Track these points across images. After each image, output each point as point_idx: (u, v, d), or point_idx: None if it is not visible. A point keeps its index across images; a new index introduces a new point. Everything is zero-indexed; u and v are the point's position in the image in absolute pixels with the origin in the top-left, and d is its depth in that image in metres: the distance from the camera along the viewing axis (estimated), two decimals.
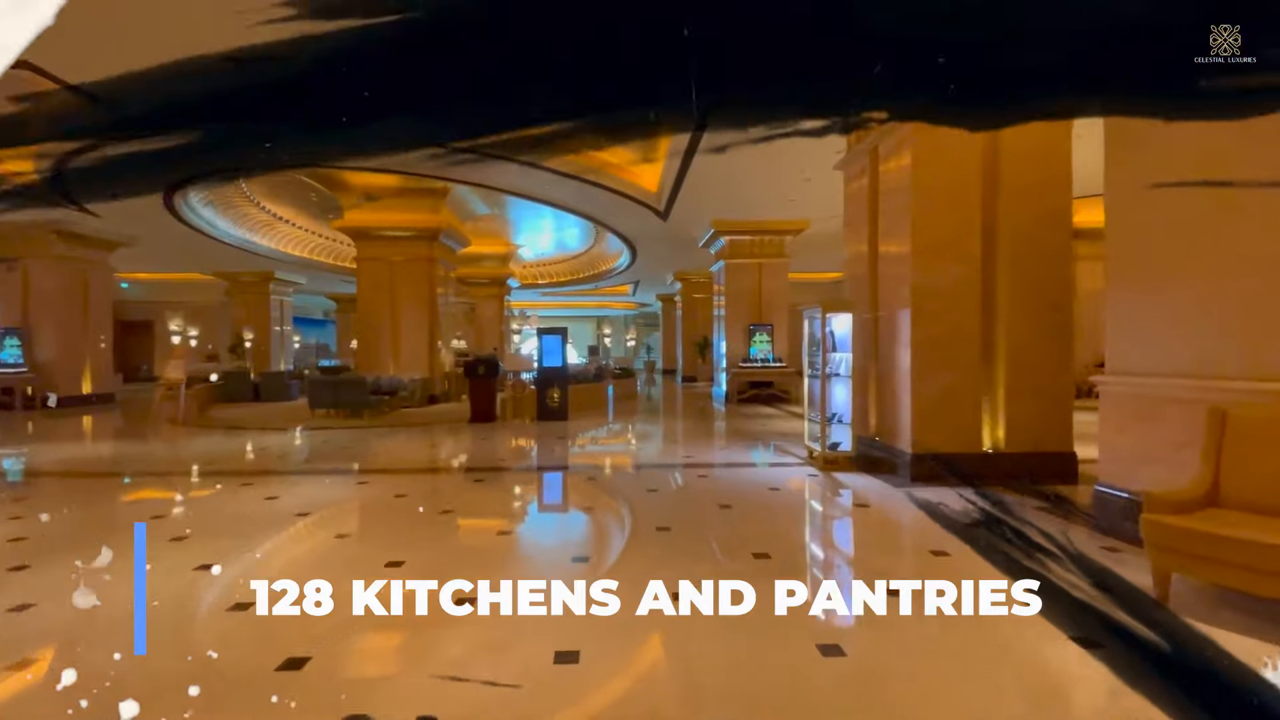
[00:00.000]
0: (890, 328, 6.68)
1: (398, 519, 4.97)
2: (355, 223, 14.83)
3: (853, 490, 5.91)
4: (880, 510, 5.22)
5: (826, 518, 5.15)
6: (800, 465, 7.07)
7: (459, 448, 8.80)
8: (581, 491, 5.98)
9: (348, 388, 12.28)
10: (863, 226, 7.29)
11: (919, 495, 5.56)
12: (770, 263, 16.08)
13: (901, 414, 6.41)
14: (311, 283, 26.06)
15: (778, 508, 5.36)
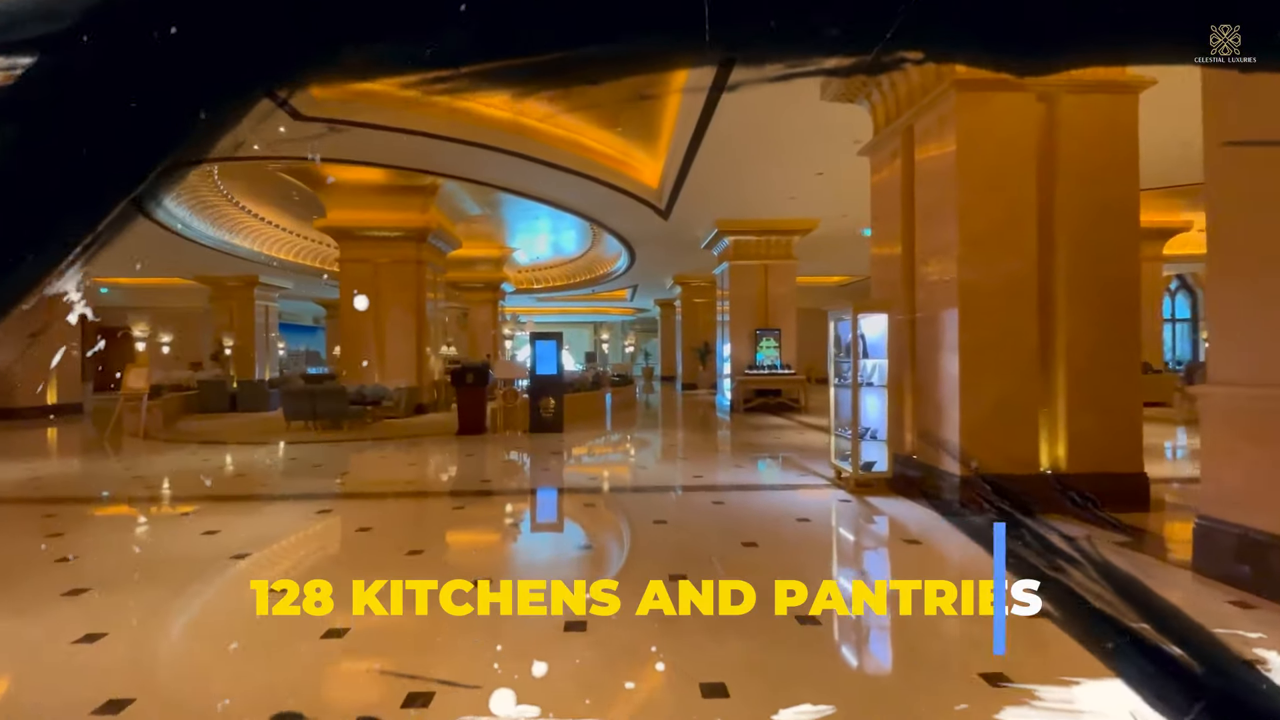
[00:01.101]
0: (931, 331, 5.85)
1: (355, 563, 4.10)
2: (338, 222, 13.98)
3: (895, 521, 5.07)
4: (936, 552, 4.36)
5: (875, 562, 4.28)
6: (828, 487, 6.22)
7: (442, 465, 7.92)
8: (576, 524, 5.11)
9: (326, 398, 11.39)
10: (894, 218, 6.48)
11: (974, 527, 4.73)
12: (777, 264, 15.28)
13: (946, 429, 5.58)
14: (299, 287, 25.17)
15: (814, 547, 4.51)
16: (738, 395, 14.74)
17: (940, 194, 5.75)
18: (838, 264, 21.80)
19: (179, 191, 14.03)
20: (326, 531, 4.88)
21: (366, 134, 9.20)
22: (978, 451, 5.38)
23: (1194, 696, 1.87)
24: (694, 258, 19.47)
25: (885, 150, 6.77)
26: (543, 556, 4.22)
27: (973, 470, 5.34)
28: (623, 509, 5.42)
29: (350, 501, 5.91)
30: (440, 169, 10.97)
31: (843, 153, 9.91)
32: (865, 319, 6.09)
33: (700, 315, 25.19)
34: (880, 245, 6.93)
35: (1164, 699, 1.89)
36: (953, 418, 5.48)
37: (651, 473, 7.16)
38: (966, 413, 5.39)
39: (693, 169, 10.53)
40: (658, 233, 15.64)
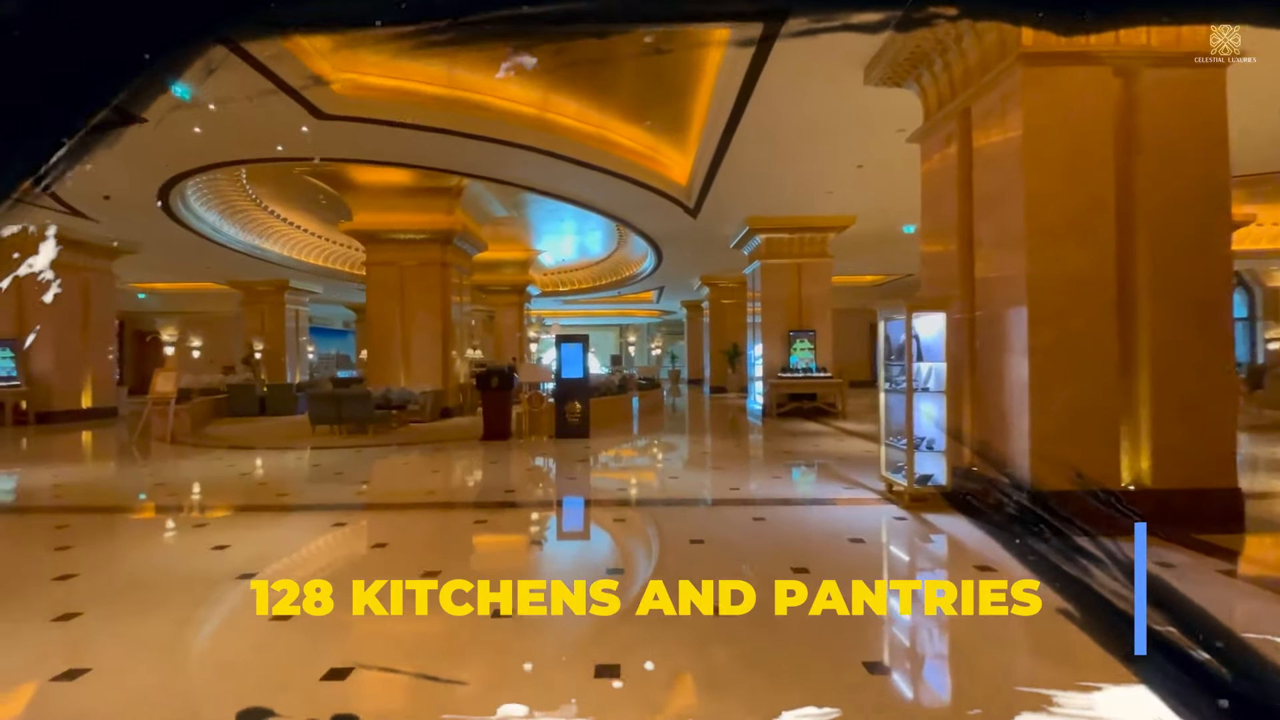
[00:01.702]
0: (994, 331, 5.32)
1: (371, 580, 3.77)
2: (364, 225, 13.88)
3: (959, 542, 4.56)
4: (1013, 581, 3.84)
5: (945, 594, 3.78)
6: (878, 502, 5.73)
7: (466, 473, 7.62)
8: (604, 542, 4.71)
9: (351, 402, 11.23)
10: (949, 209, 5.96)
11: (1051, 551, 4.20)
12: (811, 263, 14.72)
13: (1013, 440, 5.05)
14: (329, 292, 25.39)
15: (873, 574, 4.03)
16: (770, 399, 14.22)
17: (1004, 180, 5.23)
18: (874, 262, 21.11)
19: (208, 196, 14.09)
20: (340, 547, 4.57)
21: (390, 134, 8.99)
22: (1050, 465, 4.84)
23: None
24: (723, 257, 18.99)
25: (938, 136, 6.25)
26: (566, 581, 3.84)
27: (1045, 486, 4.80)
28: (655, 524, 5.01)
29: (368, 513, 5.62)
30: (465, 169, 10.73)
31: (885, 143, 9.39)
32: (920, 318, 5.59)
33: (728, 317, 24.67)
34: (932, 238, 6.41)
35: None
36: (1021, 427, 4.95)
37: (683, 483, 6.74)
38: (1037, 422, 4.85)
39: (724, 163, 10.10)
40: (686, 232, 15.22)
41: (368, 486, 6.77)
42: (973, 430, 5.56)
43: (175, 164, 10.38)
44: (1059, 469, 4.84)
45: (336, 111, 8.22)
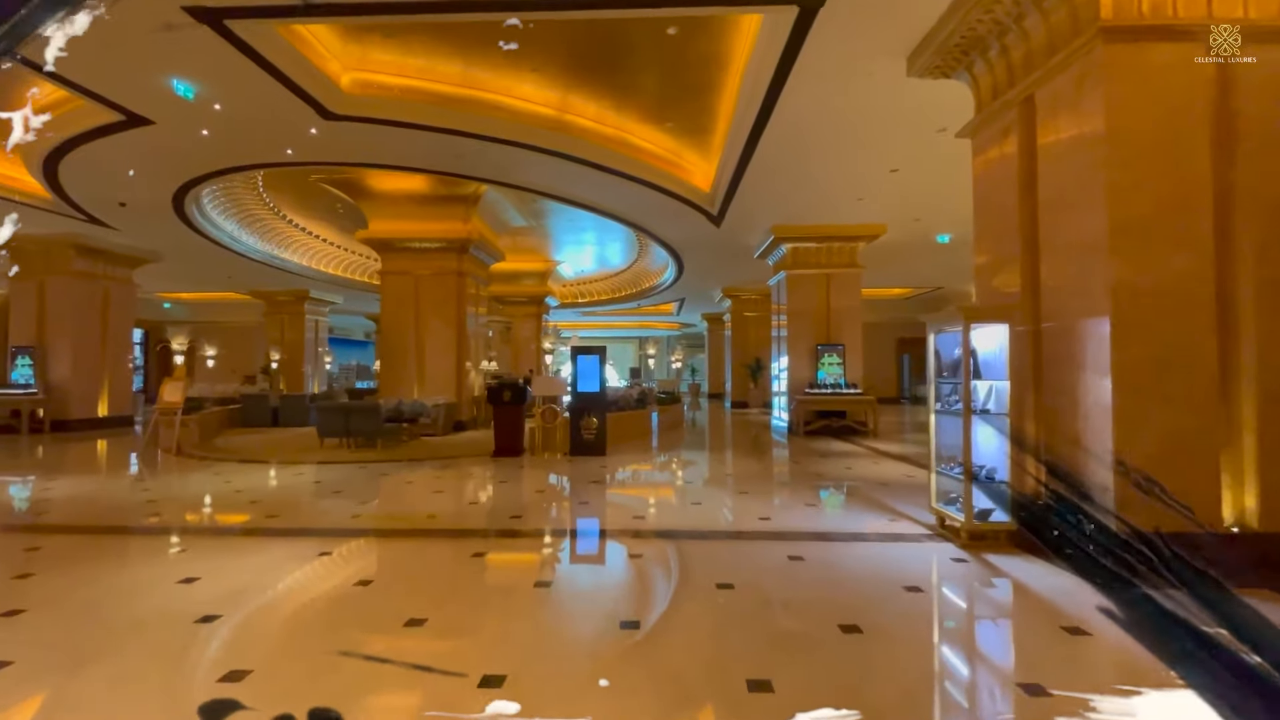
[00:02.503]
0: (1065, 346, 4.66)
1: (344, 632, 3.25)
2: (379, 233, 13.58)
3: (1034, 593, 3.89)
4: (1110, 647, 3.16)
5: (1034, 664, 3.10)
6: (929, 539, 5.06)
7: (472, 494, 7.09)
8: (618, 586, 4.11)
9: (360, 415, 10.82)
10: (1008, 208, 5.33)
11: (1146, 609, 3.53)
12: (840, 274, 14.05)
13: (1091, 471, 4.37)
14: (349, 302, 25.30)
15: (938, 634, 3.38)
16: (797, 416, 13.52)
17: (1078, 174, 4.60)
18: (901, 275, 20.33)
19: (225, 203, 13.94)
20: (320, 583, 4.05)
21: (402, 136, 8.62)
22: (1137, 502, 4.15)
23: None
24: (746, 268, 18.42)
25: (994, 128, 5.63)
26: (573, 637, 3.26)
27: (1130, 525, 4.11)
28: (676, 562, 4.40)
29: (359, 541, 5.10)
30: (479, 173, 10.33)
31: (924, 144, 8.78)
32: (978, 330, 4.94)
33: (750, 330, 24.02)
34: (987, 242, 5.77)
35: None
36: (1101, 457, 4.27)
37: (707, 511, 6.12)
38: (1122, 451, 4.17)
39: (750, 167, 9.56)
40: (708, 241, 14.69)
41: (366, 508, 6.28)
42: (1040, 458, 4.88)
43: (186, 170, 10.15)
44: (1148, 506, 4.14)
45: (344, 111, 7.86)
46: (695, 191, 11.37)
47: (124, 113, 7.78)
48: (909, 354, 29.77)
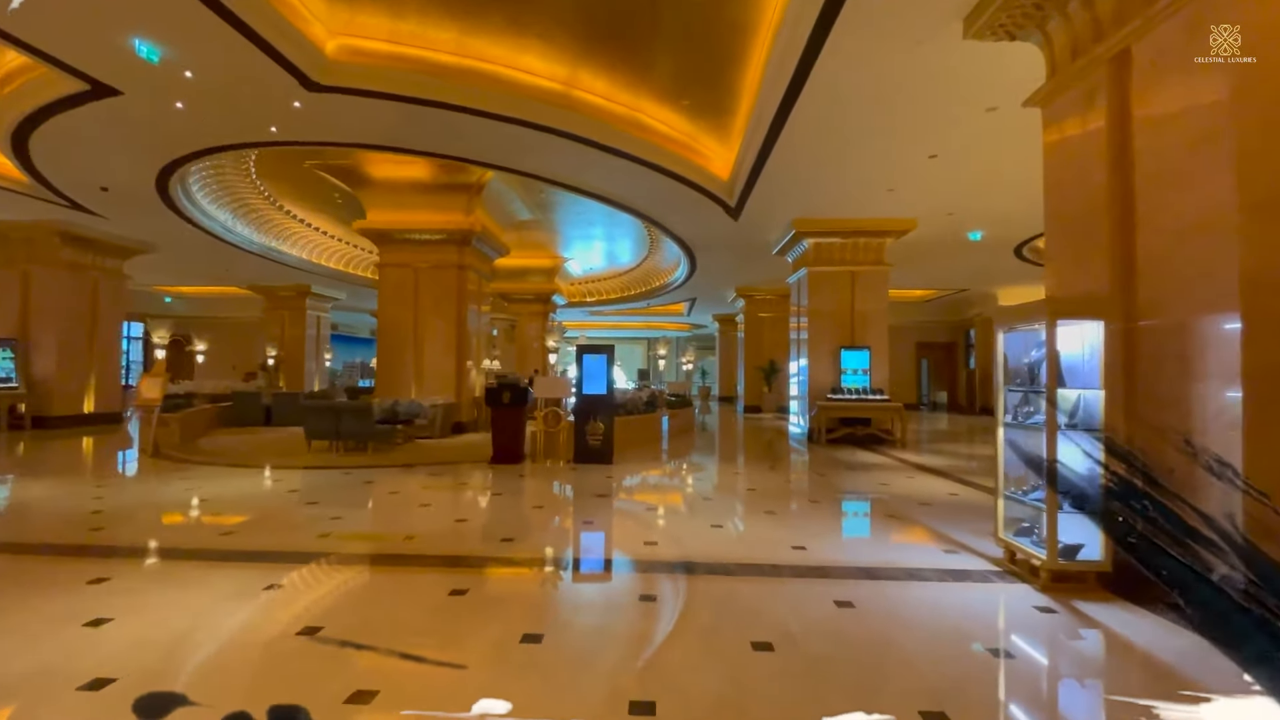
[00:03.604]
0: (1175, 347, 3.82)
1: (270, 702, 2.47)
2: (378, 224, 12.88)
3: (1160, 662, 3.05)
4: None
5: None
6: (1000, 577, 4.23)
7: (461, 509, 6.30)
8: (625, 643, 3.27)
9: (351, 416, 10.09)
10: (1093, 185, 4.49)
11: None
12: (866, 271, 13.19)
13: (1211, 502, 3.52)
14: (353, 298, 24.67)
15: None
16: (818, 423, 12.67)
17: (1192, 139, 3.75)
18: (926, 275, 19.40)
19: (217, 191, 13.29)
20: (253, 633, 3.27)
21: (394, 113, 7.88)
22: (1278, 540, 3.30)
23: None
24: (762, 266, 17.58)
25: (1074, 93, 4.79)
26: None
27: (1269, 568, 3.26)
28: (698, 611, 3.58)
29: (320, 570, 4.32)
30: (479, 156, 9.57)
31: (971, 125, 7.92)
32: (1065, 327, 4.09)
33: (765, 331, 23.15)
34: (1062, 226, 4.92)
35: None
36: (1236, 484, 3.42)
37: (730, 536, 5.29)
38: (1258, 478, 3.33)
39: (774, 151, 8.72)
40: (723, 236, 13.88)
41: (338, 525, 5.50)
42: (1138, 485, 4.03)
43: (165, 150, 9.46)
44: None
45: (330, 81, 7.12)
46: (713, 180, 10.57)
47: (88, 80, 7.08)
48: (927, 359, 28.81)
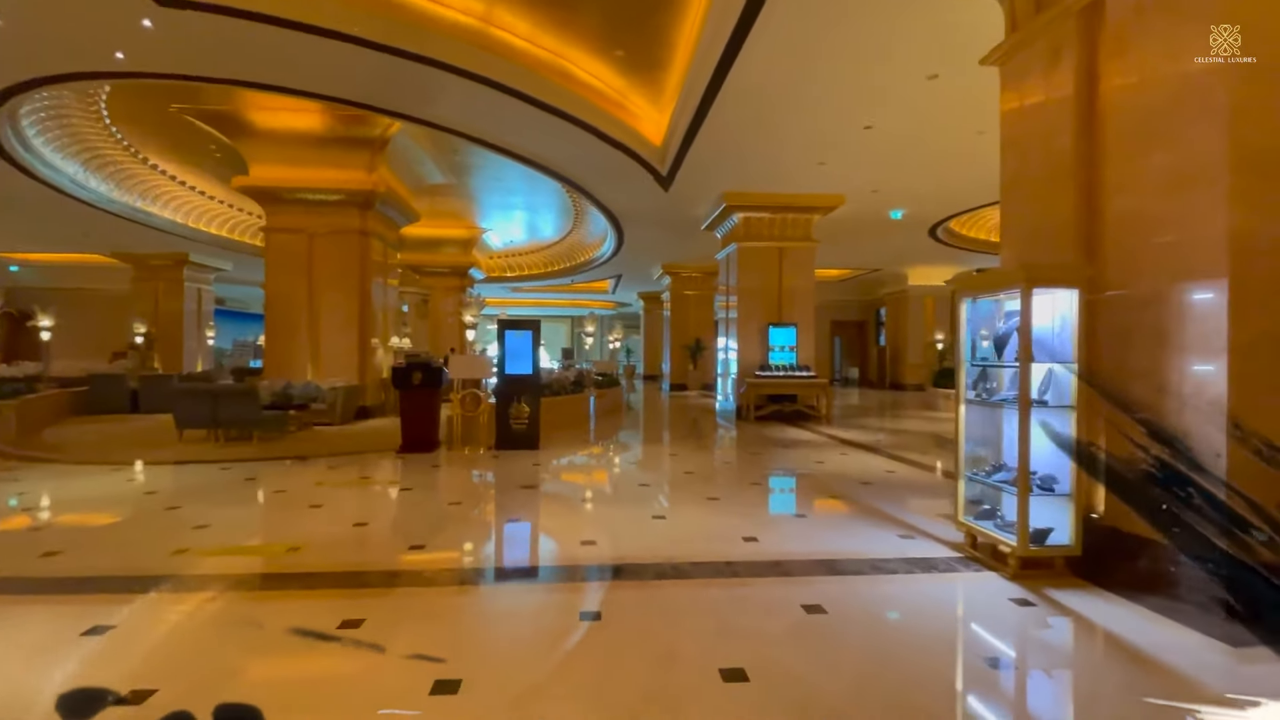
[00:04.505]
0: (1150, 318, 3.59)
1: None
2: (263, 181, 11.29)
3: (1156, 662, 2.79)
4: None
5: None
6: (964, 564, 3.95)
7: (361, 510, 5.40)
8: (565, 688, 2.64)
9: (232, 400, 8.77)
10: (1059, 146, 4.22)
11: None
12: (794, 247, 13.03)
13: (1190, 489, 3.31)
14: (241, 269, 22.13)
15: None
16: (747, 400, 12.46)
17: (1174, 95, 3.49)
18: (843, 254, 19.70)
19: (61, 138, 11.20)
20: (51, 707, 2.40)
21: (272, 42, 6.64)
22: (1259, 520, 3.13)
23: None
24: (690, 243, 17.18)
25: (1037, 48, 4.49)
26: None
27: (1254, 559, 3.08)
28: (653, 631, 3.01)
29: (163, 602, 3.38)
30: (381, 102, 8.41)
31: (909, 94, 7.67)
32: (1040, 296, 3.79)
33: (691, 309, 22.94)
34: (1022, 190, 4.65)
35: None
36: (1211, 467, 3.22)
37: (676, 529, 4.77)
38: (1239, 461, 3.14)
39: (711, 114, 8.16)
40: (653, 208, 13.29)
41: (205, 535, 4.52)
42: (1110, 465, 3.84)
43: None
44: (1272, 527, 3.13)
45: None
46: (645, 144, 9.91)
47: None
48: (840, 336, 29.78)
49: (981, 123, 8.67)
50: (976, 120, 8.59)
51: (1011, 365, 3.94)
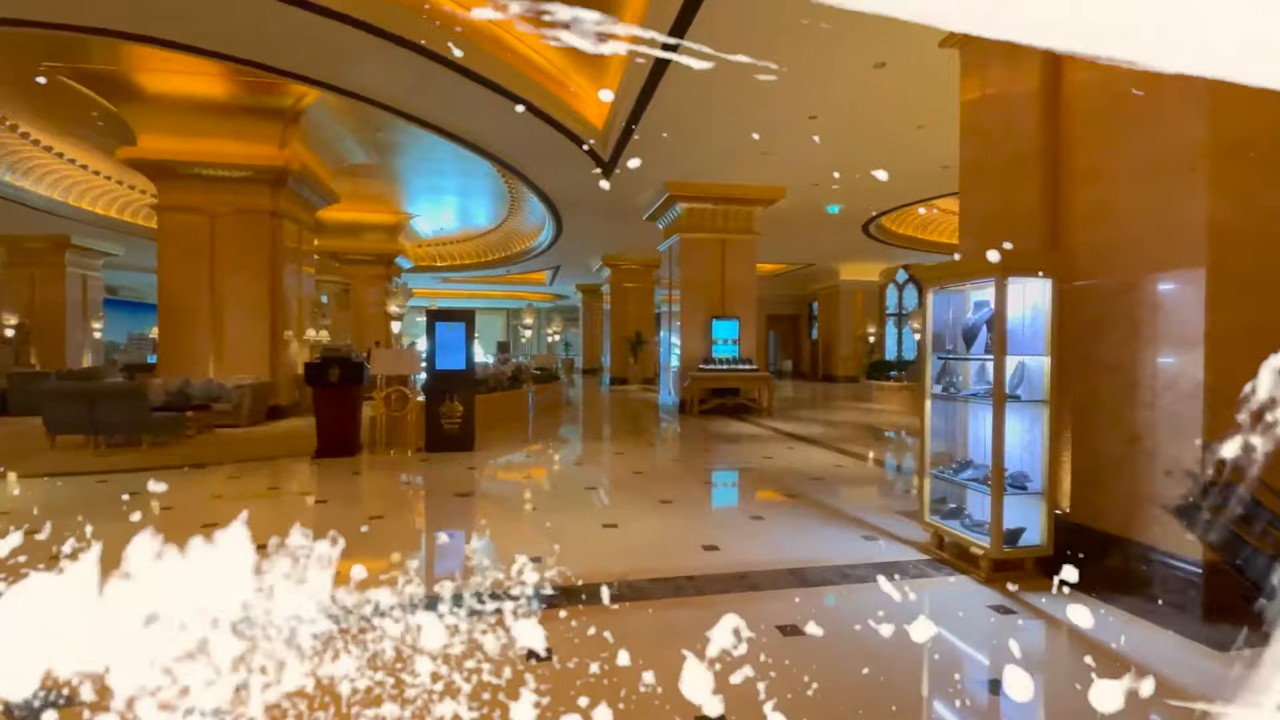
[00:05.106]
0: (1123, 309, 3.48)
1: None
2: (155, 153, 10.05)
3: (1147, 674, 2.62)
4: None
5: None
6: (933, 567, 3.76)
7: (264, 528, 4.71)
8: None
9: (113, 401, 7.68)
10: (1023, 130, 4.09)
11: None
12: (736, 240, 12.87)
13: (1168, 478, 3.22)
14: (135, 253, 19.97)
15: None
16: (691, 394, 12.22)
17: (1151, 79, 3.37)
18: (780, 249, 19.80)
19: None
20: None
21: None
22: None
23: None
24: (632, 233, 16.80)
25: None
26: None
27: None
28: (612, 674, 2.59)
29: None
30: (283, 62, 7.54)
31: (856, 82, 7.55)
32: (1015, 287, 3.60)
33: (631, 302, 22.57)
34: (984, 179, 4.51)
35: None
36: (1186, 462, 3.12)
37: (630, 538, 4.36)
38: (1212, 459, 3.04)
39: (654, 101, 7.80)
40: (594, 196, 12.80)
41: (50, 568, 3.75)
42: (1073, 462, 3.72)
43: None
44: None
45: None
46: (586, 126, 9.41)
47: None
48: (775, 330, 30.31)
49: (922, 116, 8.71)
50: (918, 114, 8.61)
51: (981, 358, 3.76)
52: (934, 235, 18.59)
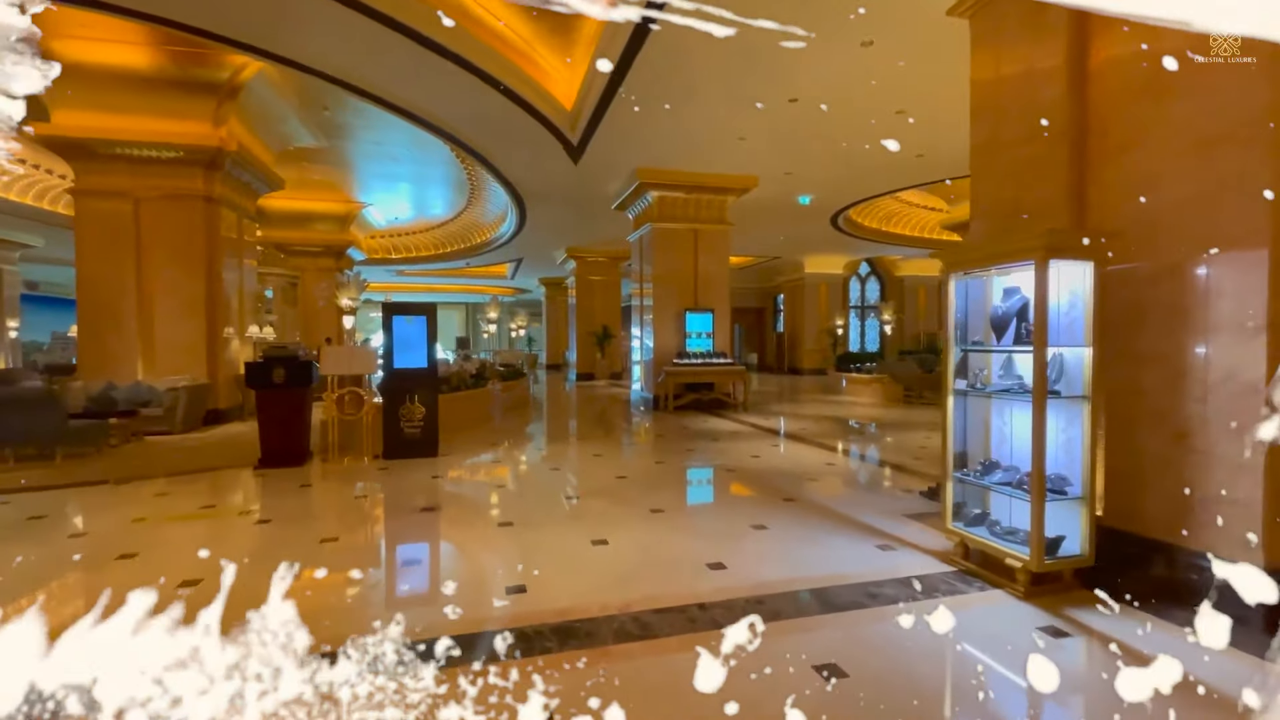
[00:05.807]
0: (1168, 294, 3.17)
1: None
2: (71, 130, 8.99)
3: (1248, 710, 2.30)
4: None
5: None
6: (966, 584, 3.40)
7: (186, 560, 4.02)
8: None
9: (21, 409, 6.76)
10: (1045, 100, 3.76)
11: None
12: (709, 230, 12.48)
13: (1230, 483, 2.93)
14: (56, 245, 18.35)
15: None
16: (665, 389, 11.79)
17: (1200, 39, 3.06)
18: (748, 241, 19.53)
19: None
20: None
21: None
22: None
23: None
24: (598, 224, 16.25)
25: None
26: None
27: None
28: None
29: None
30: (214, 25, 6.73)
31: (840, 63, 7.20)
32: (1015, 276, 3.26)
33: (597, 295, 21.99)
34: (998, 157, 4.18)
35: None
36: (1246, 467, 2.83)
37: (624, 557, 3.88)
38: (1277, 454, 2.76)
39: (630, 76, 7.30)
40: (561, 183, 12.21)
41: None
42: (1107, 463, 3.41)
43: None
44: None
45: None
46: (554, 106, 8.83)
47: None
48: (740, 323, 30.19)
49: (902, 102, 8.46)
50: (898, 99, 8.36)
51: (1012, 349, 3.42)
52: (899, 228, 18.61)
